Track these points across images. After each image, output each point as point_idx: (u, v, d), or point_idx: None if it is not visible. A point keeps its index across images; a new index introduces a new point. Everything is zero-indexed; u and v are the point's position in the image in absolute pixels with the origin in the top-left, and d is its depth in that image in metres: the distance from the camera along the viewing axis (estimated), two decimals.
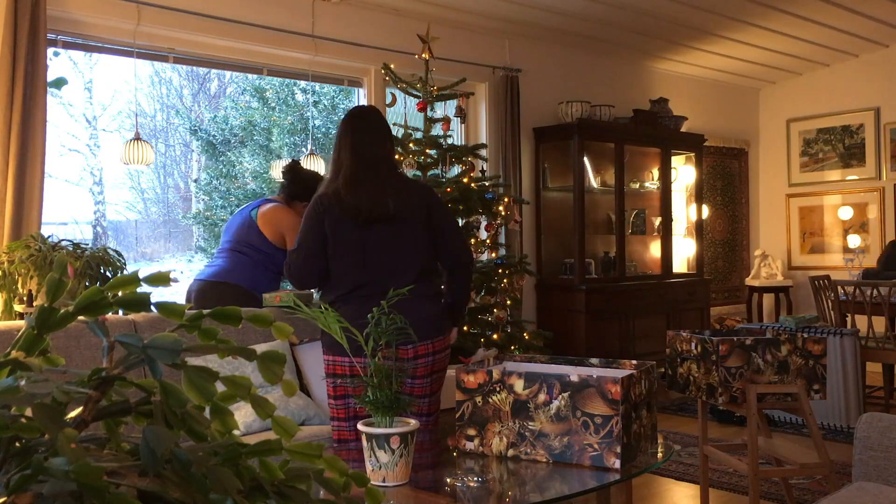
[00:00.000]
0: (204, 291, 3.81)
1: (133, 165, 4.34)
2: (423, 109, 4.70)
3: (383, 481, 2.14)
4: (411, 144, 4.60)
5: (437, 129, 4.72)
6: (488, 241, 4.80)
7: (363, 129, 2.83)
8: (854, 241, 7.49)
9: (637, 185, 6.80)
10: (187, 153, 8.49)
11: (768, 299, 8.02)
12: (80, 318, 0.74)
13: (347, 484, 0.74)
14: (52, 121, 4.51)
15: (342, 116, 2.95)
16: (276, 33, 4.85)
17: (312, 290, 3.29)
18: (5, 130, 3.73)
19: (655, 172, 6.88)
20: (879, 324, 5.70)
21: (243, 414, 3.01)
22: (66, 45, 4.34)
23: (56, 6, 4.03)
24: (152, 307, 0.75)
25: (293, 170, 4.12)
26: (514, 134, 5.90)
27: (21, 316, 3.16)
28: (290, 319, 2.82)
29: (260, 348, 2.74)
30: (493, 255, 4.91)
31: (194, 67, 6.57)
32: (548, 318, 6.06)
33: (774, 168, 8.28)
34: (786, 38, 6.80)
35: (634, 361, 2.69)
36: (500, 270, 4.66)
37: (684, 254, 7.22)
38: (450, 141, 4.76)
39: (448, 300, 2.90)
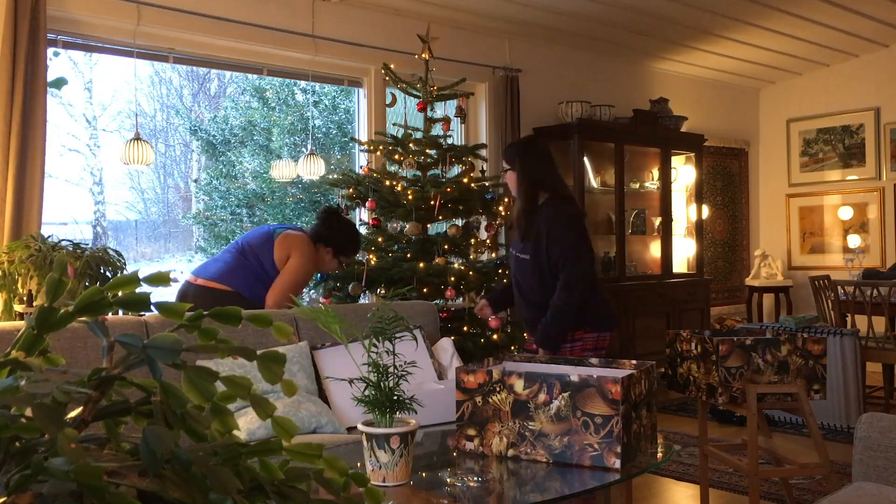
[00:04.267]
0: (201, 296, 3.70)
1: (133, 165, 4.34)
2: (423, 109, 4.70)
3: (383, 481, 2.14)
4: (411, 144, 4.60)
5: (437, 129, 4.72)
6: (488, 241, 4.80)
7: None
8: (854, 241, 7.49)
9: (637, 185, 6.80)
10: (187, 153, 8.49)
11: (768, 299, 8.02)
12: (81, 318, 0.74)
13: (347, 484, 0.74)
14: (52, 121, 4.51)
15: (526, 143, 3.60)
16: (276, 33, 4.85)
17: None
18: (5, 130, 3.73)
19: (655, 172, 6.88)
20: (879, 324, 5.70)
21: (249, 419, 2.94)
22: (66, 45, 4.34)
23: (56, 6, 4.03)
24: (152, 307, 0.75)
25: (334, 216, 4.08)
26: (514, 134, 5.89)
27: (21, 316, 3.16)
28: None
29: (278, 350, 2.73)
30: (493, 255, 4.91)
31: (194, 67, 6.57)
32: None
33: (774, 168, 8.28)
34: (786, 38, 6.80)
35: (634, 361, 2.69)
36: (500, 270, 4.66)
37: (684, 254, 7.21)
38: (450, 141, 4.76)
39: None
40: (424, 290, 4.37)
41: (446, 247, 4.57)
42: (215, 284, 3.76)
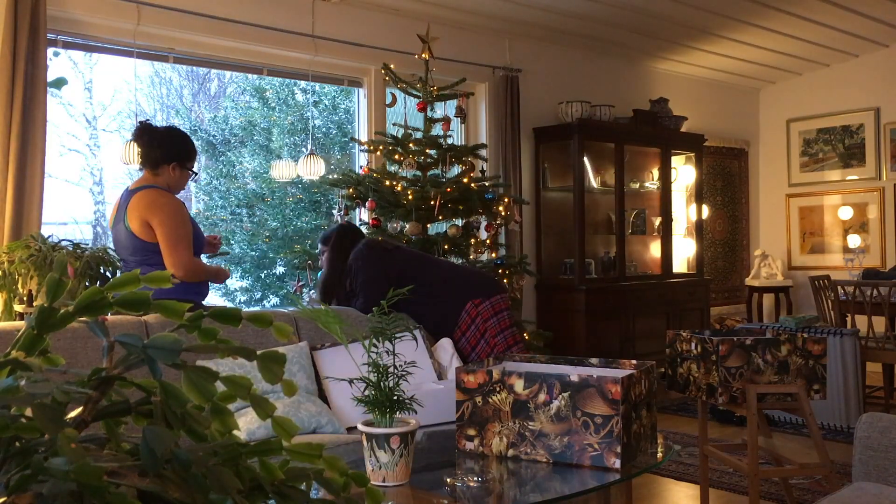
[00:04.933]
0: None
1: (133, 165, 4.34)
2: (423, 109, 4.70)
3: (383, 481, 2.14)
4: (411, 144, 4.60)
5: (437, 129, 4.72)
6: (488, 241, 4.80)
7: None
8: (854, 241, 7.49)
9: (637, 185, 6.80)
10: None
11: (768, 299, 8.01)
12: (81, 318, 0.74)
13: (347, 484, 0.74)
14: (52, 121, 4.51)
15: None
16: (276, 33, 4.85)
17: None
18: (5, 130, 3.73)
19: (655, 172, 6.88)
20: (879, 324, 5.70)
21: (249, 420, 2.94)
22: (66, 45, 4.34)
23: (56, 6, 4.03)
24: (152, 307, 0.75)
25: (145, 133, 3.38)
26: (514, 134, 5.90)
27: (21, 316, 3.16)
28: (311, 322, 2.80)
29: (279, 350, 2.73)
30: (493, 255, 4.91)
31: (194, 67, 6.57)
32: (548, 318, 6.06)
33: (774, 168, 8.28)
34: (786, 38, 6.80)
35: (634, 361, 2.69)
36: (500, 270, 4.66)
37: (684, 254, 7.21)
38: (450, 141, 4.76)
39: None
40: None
41: (446, 247, 4.57)
42: None
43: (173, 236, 3.19)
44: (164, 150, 3.32)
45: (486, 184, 4.71)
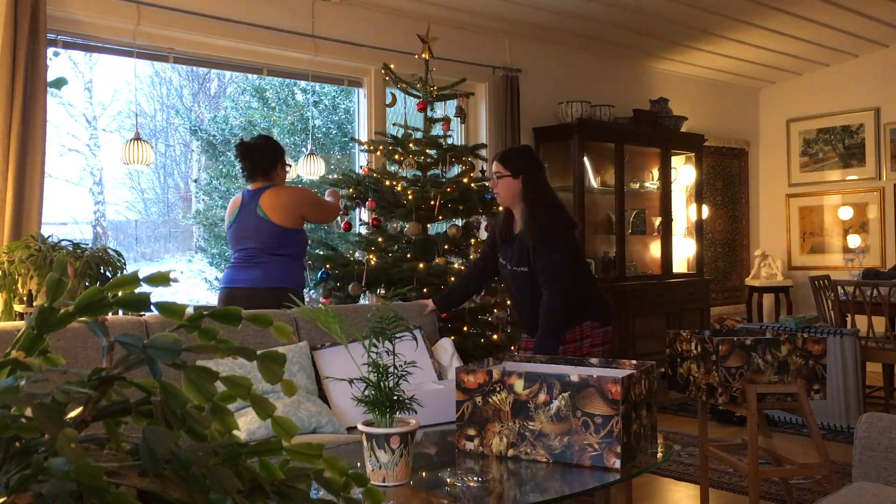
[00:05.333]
0: (260, 296, 3.65)
1: (133, 165, 4.34)
2: (423, 109, 4.70)
3: (383, 481, 2.14)
4: (411, 144, 4.60)
5: (437, 129, 4.72)
6: None
7: None
8: (854, 241, 7.49)
9: (637, 185, 6.80)
10: (187, 153, 8.49)
11: (768, 299, 8.01)
12: (81, 318, 0.74)
13: (347, 484, 0.74)
14: (52, 121, 4.51)
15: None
16: (276, 33, 4.85)
17: None
18: (5, 130, 3.73)
19: (655, 172, 6.88)
20: (879, 324, 5.70)
21: (248, 419, 2.94)
22: (66, 45, 4.34)
23: (56, 6, 4.03)
24: (152, 307, 0.75)
25: (247, 147, 3.93)
26: (514, 134, 5.90)
27: (21, 316, 3.16)
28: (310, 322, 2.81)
29: (279, 350, 2.73)
30: None
31: (194, 67, 6.57)
32: None
33: (774, 168, 8.28)
34: (786, 38, 6.80)
35: (634, 361, 2.69)
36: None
37: (684, 254, 7.21)
38: (450, 141, 4.75)
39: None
40: (424, 290, 4.37)
41: (446, 247, 4.57)
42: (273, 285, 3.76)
43: (316, 204, 4.00)
44: (270, 158, 3.92)
45: (486, 184, 4.71)
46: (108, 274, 3.30)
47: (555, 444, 2.35)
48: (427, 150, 4.66)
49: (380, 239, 4.59)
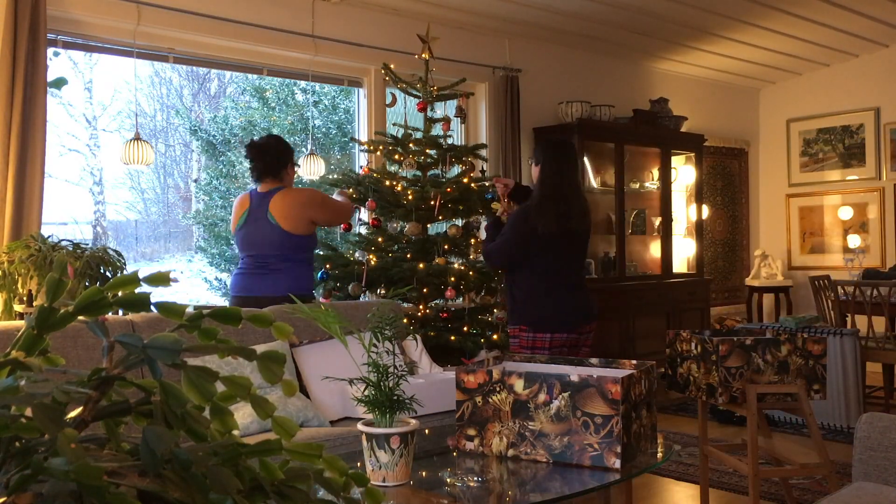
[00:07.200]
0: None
1: (133, 165, 4.34)
2: (423, 109, 4.70)
3: (383, 481, 2.14)
4: (411, 144, 4.60)
5: (437, 129, 4.72)
6: None
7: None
8: (854, 241, 7.49)
9: (637, 185, 6.80)
10: (187, 153, 8.49)
11: (768, 299, 8.01)
12: (80, 318, 0.74)
13: (347, 484, 0.74)
14: (52, 121, 4.51)
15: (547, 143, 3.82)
16: (276, 33, 4.85)
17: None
18: (5, 130, 3.73)
19: (655, 172, 6.88)
20: (879, 324, 5.70)
21: (241, 415, 2.97)
22: (66, 45, 4.34)
23: (56, 6, 4.03)
24: (152, 307, 0.75)
25: (256, 147, 3.92)
26: (514, 134, 5.90)
27: (21, 316, 3.16)
28: (290, 320, 2.82)
29: (259, 349, 2.73)
30: None
31: (194, 67, 6.57)
32: None
33: (774, 168, 8.28)
34: (786, 38, 6.80)
35: (634, 361, 2.69)
36: (499, 271, 4.66)
37: (684, 254, 7.21)
38: (450, 141, 4.75)
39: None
40: (424, 290, 4.37)
41: (446, 247, 4.57)
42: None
43: (327, 207, 3.97)
44: (282, 159, 3.89)
45: (486, 184, 4.71)
46: (108, 274, 3.30)
47: (555, 444, 2.35)
48: (427, 150, 4.66)
49: (380, 239, 4.59)
